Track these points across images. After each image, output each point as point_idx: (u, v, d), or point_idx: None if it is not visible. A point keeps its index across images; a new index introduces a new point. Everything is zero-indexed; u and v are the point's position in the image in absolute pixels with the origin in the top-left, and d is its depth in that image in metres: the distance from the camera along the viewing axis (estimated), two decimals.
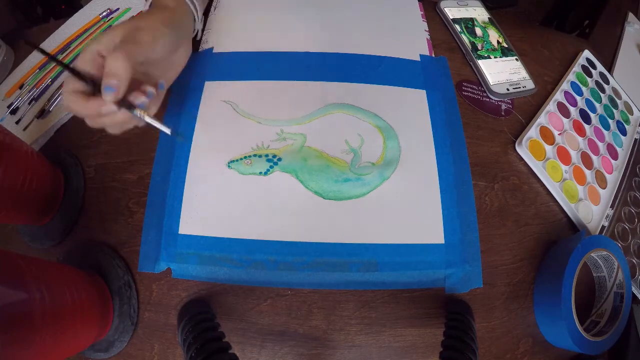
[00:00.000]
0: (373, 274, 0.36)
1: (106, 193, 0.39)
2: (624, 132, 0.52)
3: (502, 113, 0.47)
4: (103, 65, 0.31)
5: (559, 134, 0.46)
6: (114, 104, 0.31)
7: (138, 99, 0.32)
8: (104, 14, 0.51)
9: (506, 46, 0.52)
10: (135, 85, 0.32)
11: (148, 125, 0.34)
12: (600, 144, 0.49)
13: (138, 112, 0.32)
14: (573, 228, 0.43)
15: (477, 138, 0.44)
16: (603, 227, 0.43)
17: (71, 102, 0.31)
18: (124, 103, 0.32)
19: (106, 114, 0.32)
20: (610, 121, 0.52)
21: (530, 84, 0.49)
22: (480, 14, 0.55)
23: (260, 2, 0.50)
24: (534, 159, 0.43)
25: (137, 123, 0.34)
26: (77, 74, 0.31)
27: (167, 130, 0.34)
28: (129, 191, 0.39)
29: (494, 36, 0.52)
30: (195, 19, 0.43)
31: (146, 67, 0.36)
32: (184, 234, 0.36)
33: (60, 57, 0.47)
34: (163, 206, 0.37)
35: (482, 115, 0.46)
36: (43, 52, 0.32)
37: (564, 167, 0.44)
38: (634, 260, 0.44)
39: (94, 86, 0.31)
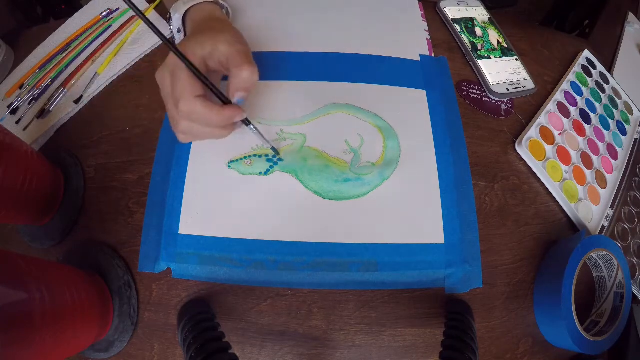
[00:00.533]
0: (373, 274, 0.36)
1: (106, 193, 0.39)
2: (624, 132, 0.52)
3: (502, 113, 0.47)
4: (206, 71, 0.32)
5: (559, 134, 0.46)
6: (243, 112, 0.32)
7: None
8: (104, 14, 0.50)
9: (506, 46, 0.52)
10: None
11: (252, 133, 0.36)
12: (600, 144, 0.49)
13: (252, 126, 0.35)
14: (573, 228, 0.43)
15: (477, 138, 0.44)
16: (603, 227, 0.43)
17: (203, 107, 0.30)
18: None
19: (234, 124, 0.33)
20: (610, 121, 0.52)
21: (530, 84, 0.49)
22: (480, 14, 0.55)
23: (260, 2, 0.50)
24: (534, 159, 0.43)
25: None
26: (208, 83, 0.31)
27: (269, 145, 0.38)
28: (129, 191, 0.39)
29: (494, 36, 0.52)
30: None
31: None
32: (184, 234, 0.36)
33: (60, 58, 0.47)
34: (163, 206, 0.37)
35: (482, 115, 0.46)
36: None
37: (564, 167, 0.44)
38: (634, 260, 0.44)
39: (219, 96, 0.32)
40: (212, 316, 0.33)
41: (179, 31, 0.40)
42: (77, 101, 0.44)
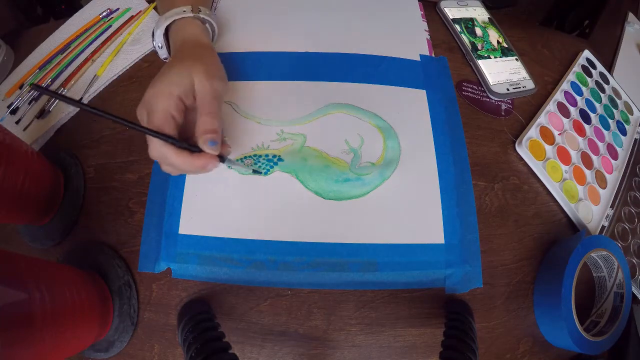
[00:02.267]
0: (373, 274, 0.36)
1: (106, 193, 0.39)
2: (624, 132, 0.52)
3: (502, 113, 0.47)
4: (184, 109, 0.31)
5: (559, 134, 0.46)
6: (217, 157, 0.31)
7: (226, 150, 0.33)
8: (104, 14, 0.51)
9: (506, 46, 0.52)
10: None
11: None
12: (600, 144, 0.49)
13: (227, 162, 0.33)
14: (573, 228, 0.43)
15: (477, 138, 0.44)
16: (603, 227, 0.43)
17: (176, 161, 0.30)
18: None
19: (211, 168, 0.31)
20: (610, 121, 0.52)
21: (530, 84, 0.49)
22: (480, 14, 0.55)
23: (260, 2, 0.50)
24: (534, 159, 0.43)
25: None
26: (171, 140, 0.30)
27: (249, 170, 0.38)
28: (129, 191, 0.39)
29: (494, 36, 0.52)
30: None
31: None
32: (184, 234, 0.36)
33: (60, 58, 0.47)
34: (163, 206, 0.37)
35: (482, 115, 0.46)
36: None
37: (564, 167, 0.44)
38: (634, 260, 0.44)
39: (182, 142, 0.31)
40: (212, 316, 0.33)
41: (160, 47, 0.39)
42: None
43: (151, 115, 0.30)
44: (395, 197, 0.38)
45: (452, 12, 0.53)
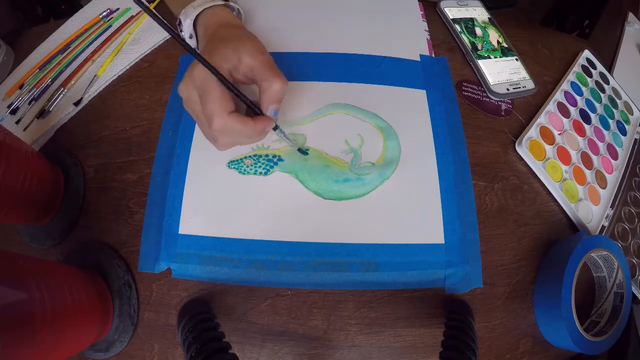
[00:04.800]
0: (373, 274, 0.36)
1: (106, 193, 0.39)
2: (624, 132, 0.52)
3: (502, 113, 0.47)
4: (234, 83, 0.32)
5: (559, 134, 0.46)
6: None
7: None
8: (104, 14, 0.51)
9: (506, 46, 0.52)
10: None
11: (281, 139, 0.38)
12: (600, 144, 0.49)
13: (279, 131, 0.35)
14: (573, 228, 0.43)
15: (477, 138, 0.44)
16: (603, 227, 0.43)
17: (237, 123, 0.31)
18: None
19: (266, 133, 0.33)
20: (610, 121, 0.52)
21: (530, 84, 0.49)
22: (480, 14, 0.55)
23: (260, 3, 0.50)
24: (534, 159, 0.43)
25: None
26: (245, 99, 0.32)
27: (296, 147, 0.38)
28: (129, 191, 0.39)
29: (494, 36, 0.52)
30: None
31: None
32: (184, 234, 0.36)
33: (60, 58, 0.47)
34: (163, 206, 0.37)
35: (482, 115, 0.46)
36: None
37: (564, 167, 0.44)
38: (634, 260, 0.44)
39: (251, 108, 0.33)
40: (212, 316, 0.33)
41: (190, 37, 0.39)
42: (77, 103, 0.44)
43: (205, 91, 0.30)
44: (395, 197, 0.38)
45: (452, 12, 0.53)
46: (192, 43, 0.40)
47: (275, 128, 0.35)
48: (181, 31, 0.39)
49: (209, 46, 0.33)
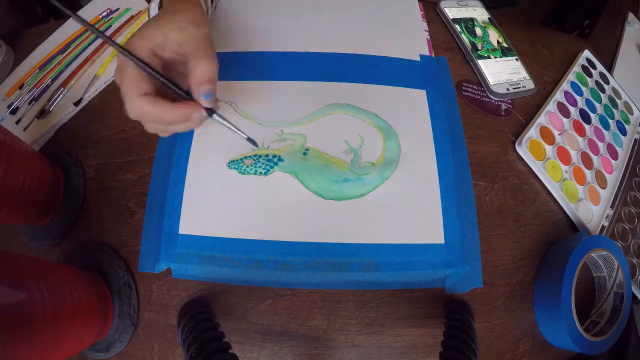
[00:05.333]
0: (373, 274, 0.36)
1: (106, 193, 0.39)
2: (624, 132, 0.52)
3: (502, 113, 0.47)
4: (160, 64, 0.29)
5: (559, 134, 0.46)
6: (205, 110, 0.29)
7: (216, 104, 0.30)
8: (104, 14, 0.51)
9: (506, 46, 0.52)
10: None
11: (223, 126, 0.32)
12: (600, 144, 0.49)
13: (216, 116, 0.31)
14: (573, 228, 0.43)
15: (477, 138, 0.44)
16: (603, 227, 0.43)
17: (152, 106, 0.28)
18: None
19: (197, 120, 0.29)
20: (610, 121, 0.52)
21: (530, 84, 0.49)
22: (480, 14, 0.55)
23: (260, 2, 0.50)
24: (534, 159, 0.43)
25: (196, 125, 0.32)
26: (158, 76, 0.28)
27: (244, 135, 0.33)
28: (129, 191, 0.39)
29: (494, 36, 0.52)
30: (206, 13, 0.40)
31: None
32: (184, 234, 0.36)
33: (59, 58, 0.47)
34: (163, 206, 0.37)
35: (482, 115, 0.46)
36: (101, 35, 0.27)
37: (564, 167, 0.44)
38: (634, 260, 0.44)
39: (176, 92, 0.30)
40: (212, 316, 0.33)
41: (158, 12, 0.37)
42: (77, 103, 0.44)
43: (122, 74, 0.28)
44: (395, 197, 0.38)
45: (452, 12, 0.53)
46: None
47: (211, 114, 0.30)
48: (149, 16, 0.37)
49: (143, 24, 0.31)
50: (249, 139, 0.34)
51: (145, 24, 0.31)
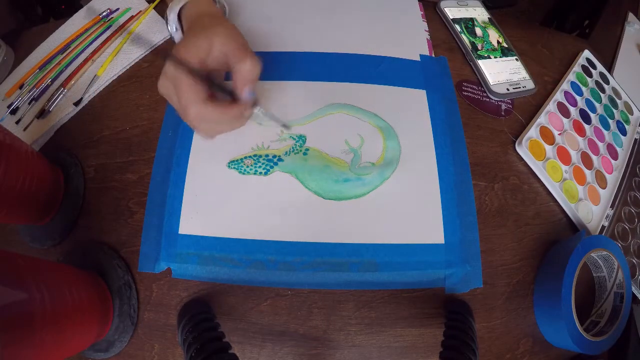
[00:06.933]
0: (373, 274, 0.36)
1: (106, 193, 0.39)
2: (624, 132, 0.52)
3: (502, 113, 0.47)
4: (206, 75, 0.32)
5: (559, 134, 0.46)
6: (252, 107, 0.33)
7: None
8: (104, 14, 0.50)
9: (506, 46, 0.52)
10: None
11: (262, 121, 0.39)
12: (600, 144, 0.49)
13: (258, 110, 0.36)
14: (573, 228, 0.43)
15: (477, 138, 0.44)
16: (603, 227, 0.43)
17: (211, 110, 0.31)
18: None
19: (247, 117, 0.34)
20: (610, 121, 0.52)
21: (530, 84, 0.49)
22: (480, 14, 0.55)
23: (260, 2, 0.50)
24: (534, 159, 0.43)
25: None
26: (213, 83, 0.32)
27: (284, 125, 0.38)
28: (129, 191, 0.39)
29: (494, 36, 0.52)
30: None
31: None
32: (184, 234, 0.36)
33: (59, 58, 0.47)
34: (163, 206, 0.37)
35: (482, 115, 0.46)
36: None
37: (564, 167, 0.44)
38: (634, 260, 0.44)
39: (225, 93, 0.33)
40: (212, 316, 0.33)
41: (176, 30, 0.41)
42: (77, 103, 0.44)
43: (176, 83, 0.31)
44: (395, 197, 0.38)
45: (452, 12, 0.53)
46: (177, 37, 0.41)
47: (255, 106, 0.35)
48: (167, 26, 0.41)
49: (184, 37, 0.35)
50: (284, 125, 0.39)
51: (189, 35, 0.34)
